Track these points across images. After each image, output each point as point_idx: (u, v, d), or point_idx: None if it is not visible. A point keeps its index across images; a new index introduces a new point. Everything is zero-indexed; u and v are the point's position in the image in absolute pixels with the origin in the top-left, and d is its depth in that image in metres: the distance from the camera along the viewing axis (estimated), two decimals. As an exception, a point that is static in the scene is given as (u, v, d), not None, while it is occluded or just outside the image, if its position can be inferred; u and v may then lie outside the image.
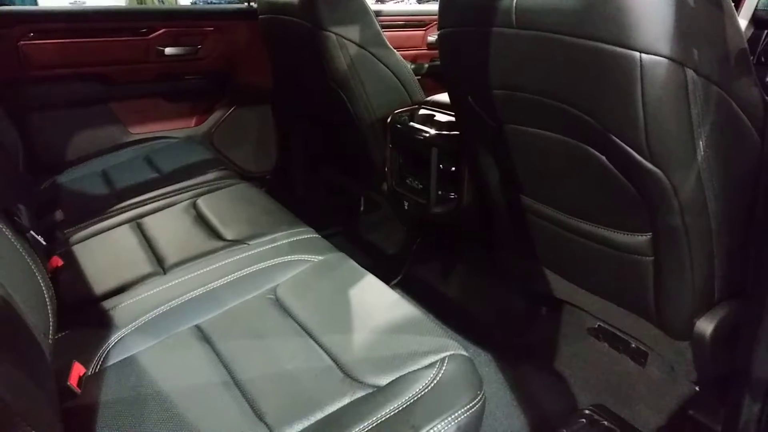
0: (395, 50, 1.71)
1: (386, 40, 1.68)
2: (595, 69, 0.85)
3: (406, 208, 1.67)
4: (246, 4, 2.14)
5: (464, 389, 0.83)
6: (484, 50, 1.05)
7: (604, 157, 0.98)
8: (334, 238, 2.21)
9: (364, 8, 1.64)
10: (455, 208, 1.54)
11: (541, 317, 1.60)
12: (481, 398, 0.83)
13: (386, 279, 1.91)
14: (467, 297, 1.79)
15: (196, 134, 2.14)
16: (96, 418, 0.86)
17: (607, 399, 1.37)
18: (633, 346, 1.41)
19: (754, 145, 0.94)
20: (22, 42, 1.73)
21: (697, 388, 1.26)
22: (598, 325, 1.48)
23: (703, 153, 0.88)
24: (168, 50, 1.98)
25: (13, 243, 0.91)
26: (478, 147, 1.31)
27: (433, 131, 1.49)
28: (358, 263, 1.18)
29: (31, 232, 1.01)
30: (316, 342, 0.96)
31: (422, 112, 1.63)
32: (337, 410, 0.83)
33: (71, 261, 1.29)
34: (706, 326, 1.02)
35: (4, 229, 0.90)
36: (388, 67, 1.69)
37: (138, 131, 2.05)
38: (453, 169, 1.50)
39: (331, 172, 2.20)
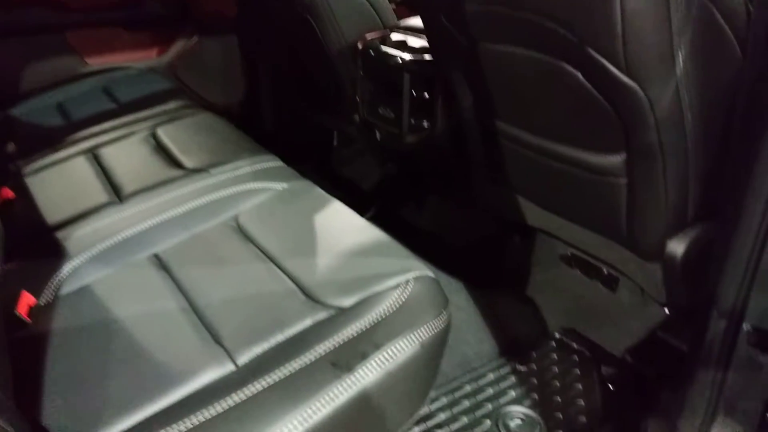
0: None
1: (356, -39, 1.58)
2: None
3: (378, 138, 1.61)
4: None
5: (429, 309, 0.81)
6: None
7: (579, 74, 0.93)
8: (306, 174, 2.17)
9: None
10: (428, 136, 1.49)
11: (514, 245, 1.58)
12: (445, 317, 0.81)
13: (361, 213, 1.88)
14: (441, 227, 1.77)
15: (158, 65, 2.04)
16: (48, 348, 0.82)
17: (577, 323, 1.38)
18: (605, 272, 1.41)
19: (735, 58, 0.90)
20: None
21: (667, 311, 1.26)
22: (571, 253, 1.47)
23: (681, 66, 0.84)
24: (124, -26, 1.85)
25: None
26: (451, 70, 1.25)
27: (405, 56, 1.42)
28: (334, 197, 1.14)
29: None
30: (279, 267, 0.93)
31: (395, 36, 1.56)
32: (299, 332, 0.80)
33: (23, 192, 1.23)
34: (677, 246, 1.01)
35: None
36: (358, -10, 1.60)
37: (96, 62, 1.94)
38: (426, 96, 1.44)
39: (302, 104, 2.12)
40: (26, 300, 0.91)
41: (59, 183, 1.26)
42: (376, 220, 1.84)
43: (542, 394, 1.19)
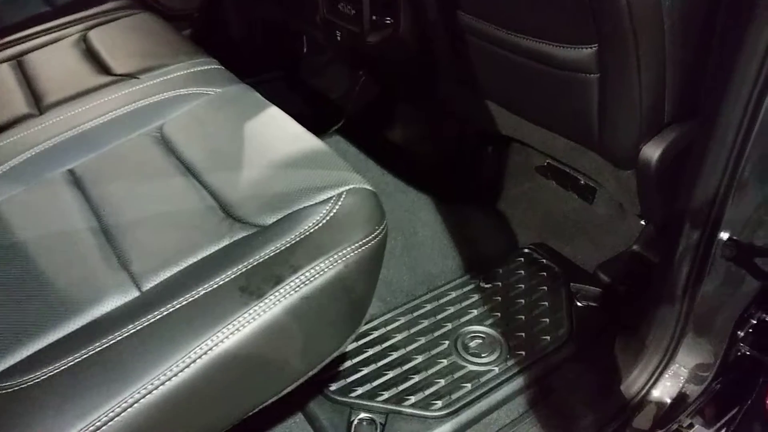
0: None
1: None
2: None
3: (338, 39, 1.46)
4: None
5: (359, 225, 0.72)
6: None
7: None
8: (272, 83, 2.03)
9: None
10: (392, 35, 1.34)
11: (487, 157, 1.47)
12: (377, 234, 0.72)
13: (327, 125, 1.76)
14: (411, 140, 1.65)
15: (102, -37, 1.83)
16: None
17: (549, 238, 1.30)
18: (581, 182, 1.31)
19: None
20: None
21: (642, 223, 1.17)
22: (547, 163, 1.36)
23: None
24: None
25: None
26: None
27: (361, -59, 1.25)
28: (298, 110, 1.02)
29: None
30: (199, 181, 0.83)
31: None
32: (211, 254, 0.71)
33: (-64, 105, 1.11)
34: (652, 152, 0.90)
35: None
36: None
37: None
38: (387, -12, 1.28)
39: (267, 7, 1.94)
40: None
41: (-24, 93, 1.14)
42: (343, 132, 1.73)
43: (506, 313, 1.12)
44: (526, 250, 1.25)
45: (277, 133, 0.90)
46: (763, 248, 0.81)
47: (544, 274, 1.20)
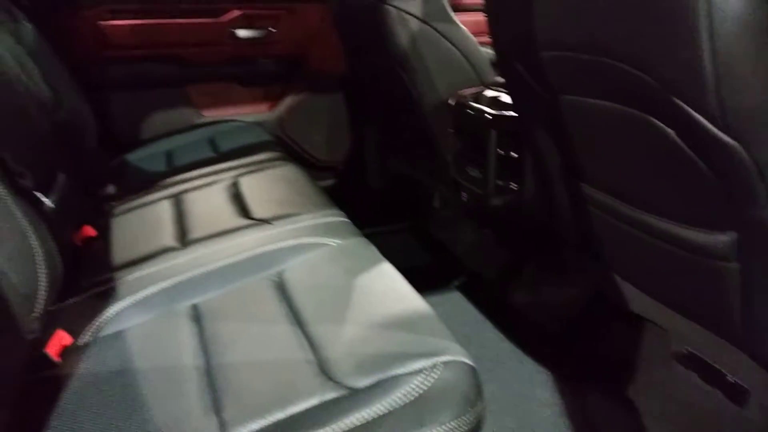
0: (464, 27, 1.55)
1: (453, 16, 1.52)
2: (647, 7, 0.65)
3: (464, 199, 1.50)
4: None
5: (452, 405, 0.67)
6: (526, 3, 0.87)
7: (670, 130, 0.76)
8: (400, 234, 2.10)
9: None
10: (516, 200, 1.35)
11: (614, 333, 1.36)
12: (471, 419, 0.66)
13: (448, 280, 1.75)
14: (533, 306, 1.58)
15: (268, 120, 2.11)
16: (63, 391, 0.80)
17: (687, 438, 1.12)
18: (729, 380, 1.14)
19: None
20: (100, 22, 1.79)
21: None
22: (687, 351, 1.22)
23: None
24: (241, 33, 1.96)
25: (5, 202, 0.87)
26: (535, 126, 1.12)
27: (492, 112, 1.32)
28: (421, 262, 1.05)
29: (39, 195, 0.98)
30: (304, 332, 0.84)
31: (489, 93, 1.46)
32: (300, 412, 0.70)
33: (104, 232, 1.27)
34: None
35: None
36: (454, 45, 1.53)
37: (210, 114, 2.05)
38: (514, 155, 1.32)
39: (402, 162, 2.07)
40: (60, 339, 0.90)
41: (138, 225, 1.30)
42: (464, 289, 1.71)
43: None
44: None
45: (384, 291, 0.91)
46: None
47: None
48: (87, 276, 1.10)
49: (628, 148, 0.89)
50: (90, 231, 1.27)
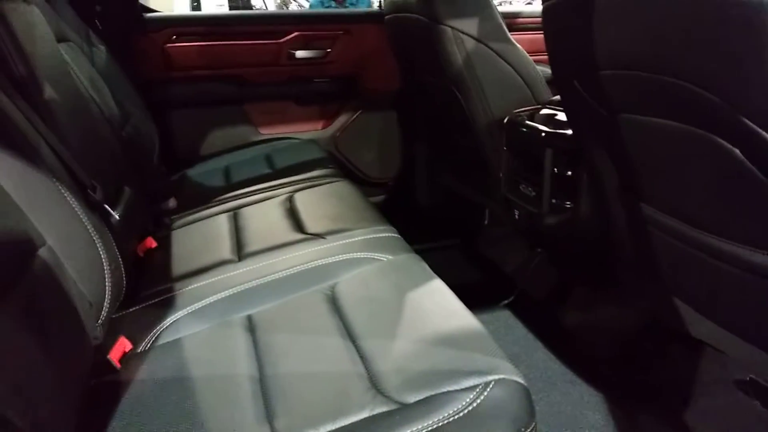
0: (520, 46, 1.54)
1: (509, 35, 1.52)
2: (714, 23, 0.64)
3: (516, 217, 1.48)
4: (378, 7, 2.12)
5: (503, 422, 0.66)
6: (587, 21, 0.87)
7: (737, 151, 0.74)
8: (450, 250, 2.09)
9: (485, 1, 1.50)
10: (570, 219, 1.32)
11: (673, 357, 1.30)
12: (524, 438, 0.65)
13: (498, 298, 1.73)
14: (586, 327, 1.54)
15: (322, 137, 2.15)
16: (123, 396, 0.84)
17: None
18: (799, 412, 1.08)
19: None
20: (167, 45, 1.88)
21: None
22: (750, 378, 1.16)
23: None
24: (299, 53, 2.02)
25: (78, 214, 0.92)
26: (592, 145, 1.10)
27: (547, 129, 1.31)
28: (470, 279, 1.05)
29: (108, 208, 1.03)
30: (355, 345, 0.85)
31: (544, 112, 1.45)
32: (350, 424, 0.70)
33: (164, 244, 1.32)
34: None
35: (72, 202, 0.92)
36: (509, 64, 1.53)
37: (267, 132, 2.12)
38: (569, 173, 1.30)
39: (453, 179, 2.07)
40: (122, 346, 0.94)
41: (197, 237, 1.34)
42: (514, 308, 1.69)
43: None
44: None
45: (435, 306, 0.91)
46: None
47: None
48: (147, 285, 1.14)
49: (691, 167, 0.86)
50: (151, 242, 1.32)
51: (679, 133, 0.82)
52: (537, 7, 3.06)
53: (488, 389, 0.70)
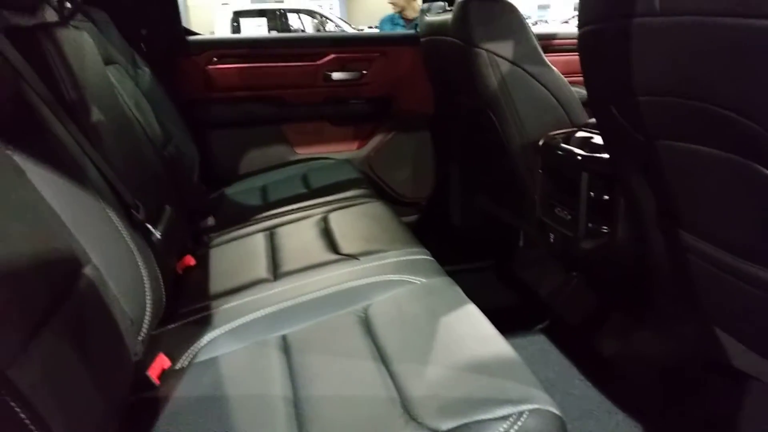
0: (555, 68, 1.54)
1: (544, 57, 1.52)
2: (754, 52, 0.63)
3: (551, 241, 1.47)
4: (415, 30, 2.15)
5: (537, 455, 0.65)
6: (624, 48, 0.86)
7: (779, 178, 0.72)
8: (483, 272, 2.08)
9: (520, 23, 1.51)
10: (607, 244, 1.31)
11: (715, 390, 1.26)
12: (558, 472, 0.64)
13: (533, 323, 1.71)
14: (623, 355, 1.50)
15: (356, 157, 2.18)
16: (161, 413, 0.85)
17: None
18: None
19: None
20: (209, 66, 1.93)
21: None
22: (797, 414, 1.12)
23: None
24: (335, 75, 2.05)
25: (121, 233, 0.95)
26: (629, 170, 1.09)
27: (584, 153, 1.30)
28: (505, 302, 1.05)
29: (149, 227, 1.06)
30: (388, 369, 0.85)
31: (580, 134, 1.44)
32: (382, 450, 0.70)
33: (202, 262, 1.35)
34: None
35: (116, 221, 0.95)
36: (545, 86, 1.52)
37: (303, 152, 2.15)
38: (606, 197, 1.28)
39: (487, 201, 2.06)
40: (161, 363, 0.96)
41: (234, 256, 1.37)
42: (549, 333, 1.66)
43: None
44: None
45: (469, 332, 0.90)
46: None
47: None
48: (186, 303, 1.17)
49: (732, 194, 0.84)
50: (190, 260, 1.35)
51: (719, 161, 0.81)
52: (572, 27, 3.05)
53: (522, 419, 0.70)
